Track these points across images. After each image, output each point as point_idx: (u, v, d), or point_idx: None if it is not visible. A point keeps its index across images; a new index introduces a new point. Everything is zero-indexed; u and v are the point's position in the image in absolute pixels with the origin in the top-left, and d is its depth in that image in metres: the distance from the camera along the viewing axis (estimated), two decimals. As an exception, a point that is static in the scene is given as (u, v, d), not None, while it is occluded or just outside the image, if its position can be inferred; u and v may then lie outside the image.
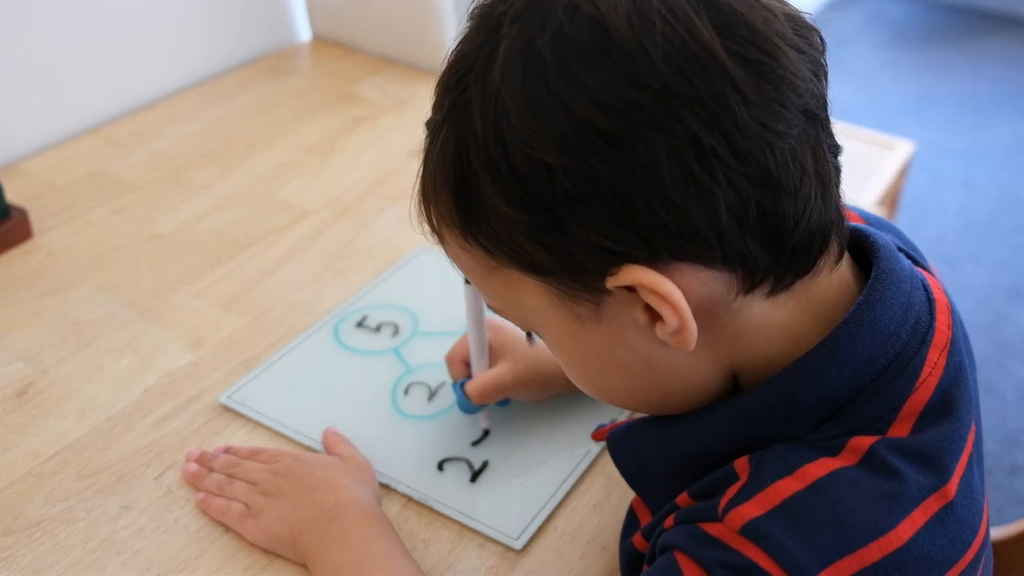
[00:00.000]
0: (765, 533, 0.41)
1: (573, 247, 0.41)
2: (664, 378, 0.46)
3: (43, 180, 0.97)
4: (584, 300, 0.43)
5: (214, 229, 0.91)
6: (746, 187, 0.40)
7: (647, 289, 0.41)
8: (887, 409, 0.44)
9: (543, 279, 0.43)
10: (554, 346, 0.48)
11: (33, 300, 0.81)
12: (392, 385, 0.73)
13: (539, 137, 0.40)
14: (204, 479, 0.65)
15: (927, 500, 0.42)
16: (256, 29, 1.23)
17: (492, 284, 0.46)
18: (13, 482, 0.65)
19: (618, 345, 0.45)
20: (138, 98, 1.11)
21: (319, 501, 0.60)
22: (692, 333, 0.42)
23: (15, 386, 0.73)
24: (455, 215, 0.44)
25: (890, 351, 0.44)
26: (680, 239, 0.40)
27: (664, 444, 0.49)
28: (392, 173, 1.00)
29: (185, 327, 0.79)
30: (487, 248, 0.44)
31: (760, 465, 0.43)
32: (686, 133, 0.39)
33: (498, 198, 0.41)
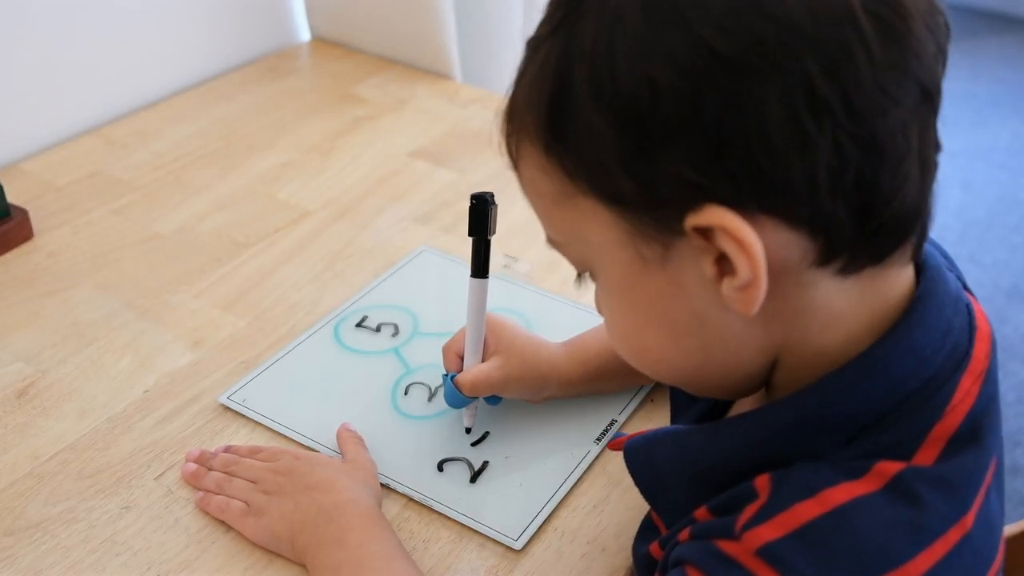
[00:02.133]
0: (782, 557, 0.40)
1: (660, 176, 0.40)
2: (709, 343, 0.45)
3: (43, 180, 0.97)
4: (655, 240, 0.42)
5: (214, 229, 0.91)
6: (851, 148, 0.38)
7: (727, 234, 0.39)
8: (915, 432, 0.43)
9: (619, 211, 0.42)
10: (608, 290, 0.47)
11: (33, 300, 0.81)
12: (392, 385, 0.73)
13: (652, 52, 0.38)
14: (203, 478, 0.65)
15: (948, 532, 0.42)
16: (256, 29, 1.23)
17: (561, 213, 0.45)
18: (13, 482, 0.65)
19: (676, 296, 0.43)
20: (138, 98, 1.11)
21: (319, 501, 0.60)
22: (761, 291, 0.40)
23: (15, 386, 0.73)
24: (543, 130, 0.43)
25: (923, 374, 0.43)
26: (772, 188, 0.39)
27: (684, 456, 0.48)
28: (392, 173, 1.00)
29: (185, 327, 0.79)
30: (569, 170, 0.42)
31: (781, 485, 0.42)
32: (803, 77, 0.37)
33: (594, 112, 0.40)
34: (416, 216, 0.93)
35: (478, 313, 0.65)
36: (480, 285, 0.65)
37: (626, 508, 0.64)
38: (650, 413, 0.71)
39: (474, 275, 0.65)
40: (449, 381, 0.66)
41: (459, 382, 0.65)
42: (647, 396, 0.72)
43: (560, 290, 0.83)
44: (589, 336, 0.70)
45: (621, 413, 0.70)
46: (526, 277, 0.85)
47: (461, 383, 0.65)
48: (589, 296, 0.81)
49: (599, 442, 0.68)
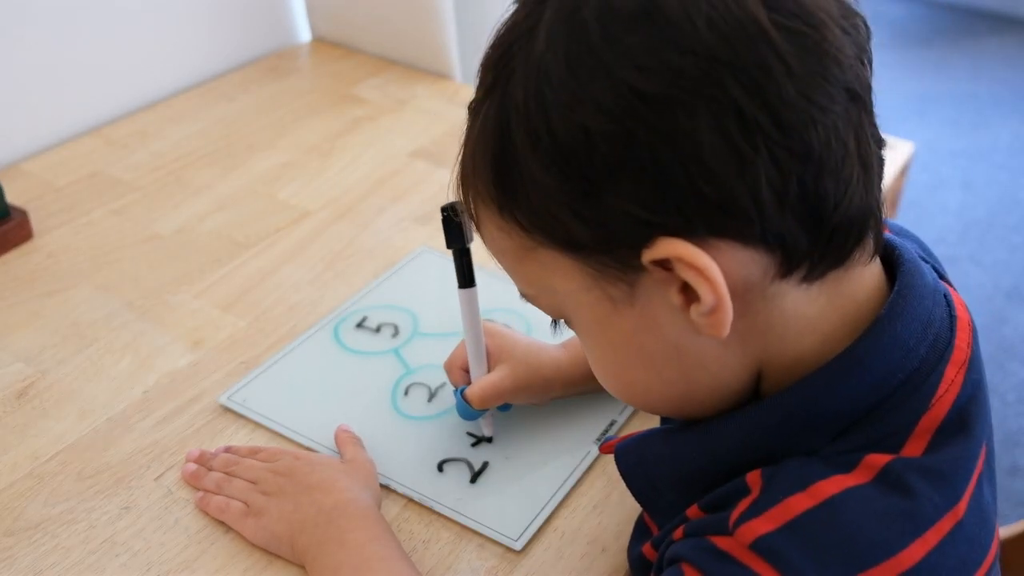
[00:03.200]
0: (775, 549, 0.41)
1: (609, 218, 0.40)
2: (690, 371, 0.45)
3: (43, 181, 0.97)
4: (618, 280, 0.43)
5: (214, 230, 0.91)
6: (788, 161, 0.39)
7: (683, 263, 0.40)
8: (902, 424, 0.43)
9: (578, 257, 0.43)
10: (583, 333, 0.48)
11: (33, 301, 0.81)
12: (392, 386, 0.73)
13: (579, 100, 0.39)
14: (203, 478, 0.65)
15: (941, 520, 0.42)
16: (256, 30, 1.23)
17: (525, 267, 0.46)
18: (13, 483, 0.65)
19: (649, 330, 0.44)
20: (138, 99, 1.11)
21: (318, 502, 0.60)
22: (727, 313, 0.41)
23: (15, 387, 0.73)
24: (493, 189, 0.44)
25: (907, 367, 0.44)
26: (719, 212, 0.39)
27: (675, 457, 0.48)
28: (392, 174, 1.00)
29: (185, 328, 0.79)
30: (524, 224, 0.43)
31: (773, 480, 0.43)
32: (728, 101, 0.38)
33: (536, 166, 0.41)
34: (416, 216, 0.93)
35: (474, 323, 0.65)
36: (470, 295, 0.65)
37: (626, 509, 0.64)
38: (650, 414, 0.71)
39: (461, 286, 0.65)
40: (459, 396, 0.66)
41: (469, 396, 0.65)
42: (647, 396, 0.72)
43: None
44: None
45: (621, 413, 0.70)
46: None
47: (471, 397, 0.65)
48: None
49: (599, 442, 0.68)
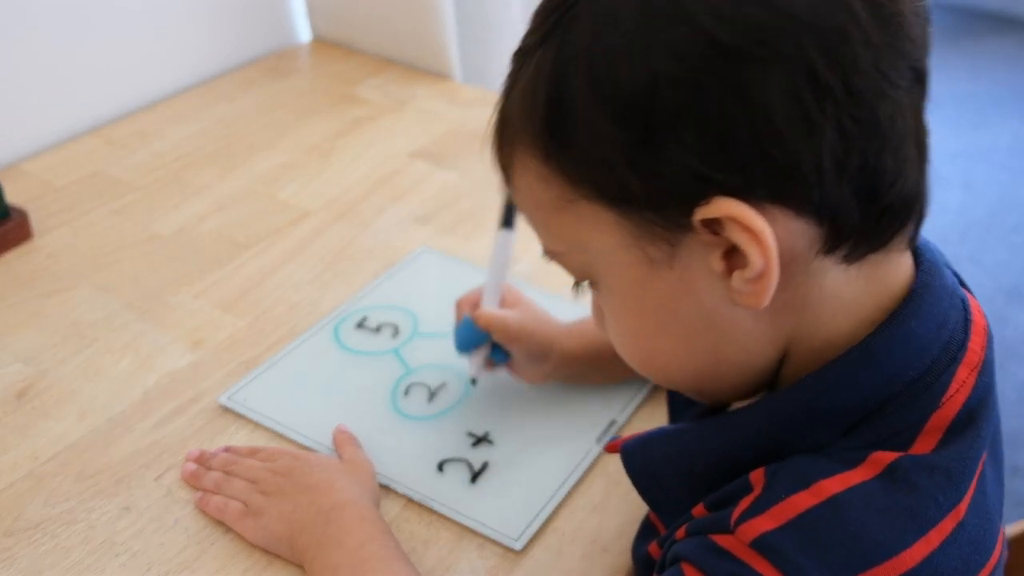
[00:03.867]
0: (776, 548, 0.40)
1: (667, 171, 0.39)
2: (720, 342, 0.44)
3: (43, 181, 0.97)
4: (660, 239, 0.41)
5: (214, 230, 0.91)
6: (854, 131, 0.38)
7: (738, 224, 0.39)
8: (912, 422, 0.43)
9: (623, 212, 0.42)
10: (611, 296, 0.46)
11: (33, 301, 0.81)
12: (392, 386, 0.73)
13: (651, 46, 0.38)
14: (202, 478, 0.65)
15: (944, 520, 0.42)
16: (256, 30, 1.23)
17: (560, 221, 0.44)
18: (13, 483, 0.65)
19: (684, 296, 0.43)
20: (138, 99, 1.11)
21: (317, 502, 0.60)
22: (772, 282, 0.40)
23: (15, 387, 0.73)
24: (542, 137, 0.42)
25: (919, 365, 0.43)
26: (780, 176, 0.39)
27: (682, 455, 0.48)
28: (392, 174, 1.00)
29: (185, 328, 0.79)
30: (570, 174, 0.42)
31: (775, 477, 0.42)
32: (804, 63, 0.37)
33: (596, 113, 0.40)
34: (416, 216, 0.93)
35: (501, 264, 0.67)
36: (507, 236, 0.67)
37: (627, 508, 0.64)
38: (650, 413, 0.71)
39: (503, 226, 0.67)
40: (465, 319, 0.66)
41: (478, 314, 0.66)
42: (647, 396, 0.72)
43: (560, 290, 0.83)
44: (588, 318, 0.71)
45: (621, 413, 0.70)
46: (526, 276, 0.85)
47: (479, 315, 0.65)
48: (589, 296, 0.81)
49: (599, 442, 0.68)
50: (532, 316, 0.68)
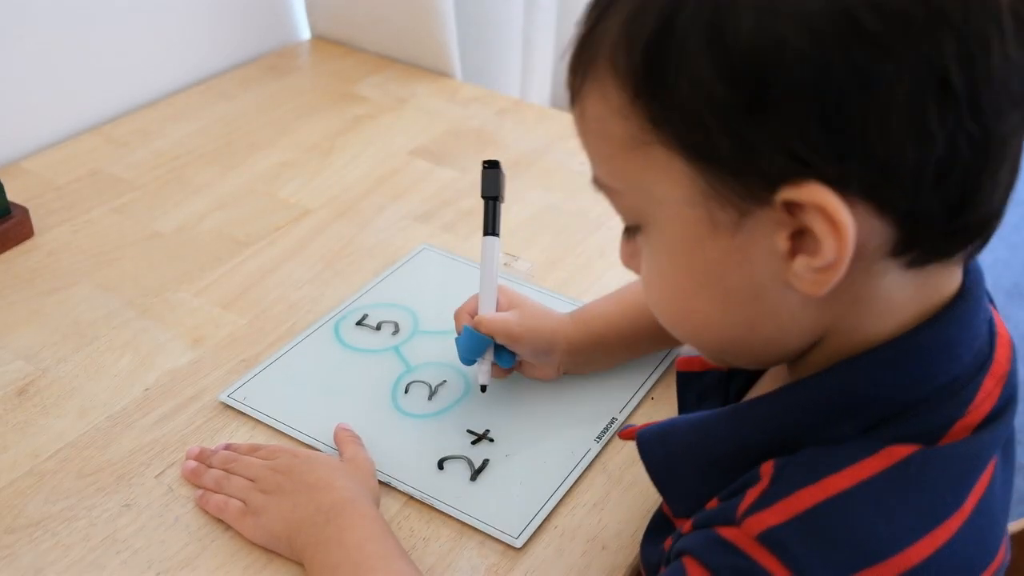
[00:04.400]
0: (782, 542, 0.40)
1: (764, 143, 0.38)
2: (760, 317, 0.43)
3: (44, 179, 0.97)
4: (731, 205, 0.40)
5: (214, 228, 0.91)
6: (964, 148, 0.37)
7: (822, 214, 0.38)
8: (936, 426, 0.43)
9: (701, 168, 0.40)
10: (659, 247, 0.44)
11: (33, 299, 0.81)
12: (392, 383, 0.73)
13: (785, 9, 0.36)
14: (202, 475, 0.65)
15: (950, 519, 0.42)
16: (256, 28, 1.23)
17: (627, 159, 0.42)
18: (13, 481, 0.65)
19: (738, 265, 0.41)
20: (138, 97, 1.11)
21: (316, 500, 0.60)
22: (839, 275, 0.39)
23: (15, 385, 0.73)
24: (635, 71, 0.40)
25: (951, 371, 0.43)
26: (878, 175, 0.37)
27: (701, 443, 0.48)
28: (392, 172, 1.00)
29: (185, 326, 0.79)
30: (656, 117, 0.40)
31: (785, 470, 0.42)
32: (939, 66, 0.36)
33: (707, 64, 0.37)
34: (416, 215, 0.93)
35: (492, 269, 0.67)
36: (493, 243, 0.68)
37: (627, 506, 0.64)
38: (650, 411, 0.71)
39: (487, 234, 0.68)
40: (465, 329, 0.66)
41: (476, 321, 0.65)
42: (648, 394, 0.72)
43: (560, 288, 0.83)
44: (591, 304, 0.73)
45: (622, 411, 0.70)
46: (526, 275, 0.85)
47: (478, 320, 0.65)
48: (590, 294, 0.81)
49: (599, 440, 0.68)
50: (531, 313, 0.68)
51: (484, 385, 0.68)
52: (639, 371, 0.73)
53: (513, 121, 1.09)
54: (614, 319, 0.70)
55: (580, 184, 0.98)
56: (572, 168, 1.01)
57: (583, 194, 0.96)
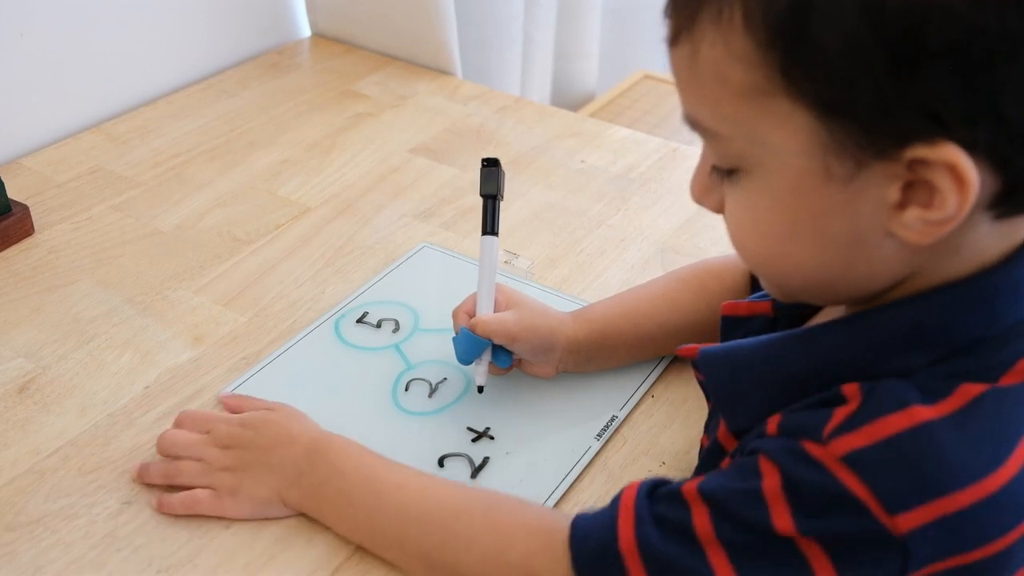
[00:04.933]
0: (867, 464, 0.42)
1: (906, 102, 0.38)
2: (856, 261, 0.44)
3: (44, 177, 0.97)
4: (851, 157, 0.40)
5: (215, 226, 0.91)
6: None
7: (951, 172, 0.39)
8: (1001, 362, 0.44)
9: (827, 121, 0.40)
10: (760, 193, 0.44)
11: (34, 297, 0.81)
12: (393, 381, 0.73)
13: None
14: (147, 471, 0.64)
15: (1018, 448, 0.43)
16: (256, 26, 1.23)
17: (742, 107, 0.42)
18: (14, 478, 0.65)
19: (844, 214, 0.42)
20: (139, 95, 1.11)
21: (288, 455, 0.61)
22: (953, 228, 0.40)
23: (16, 382, 0.73)
24: (775, 22, 0.39)
25: (1018, 313, 0.44)
26: (1005, 136, 0.38)
27: (769, 361, 0.49)
28: (393, 170, 1.00)
29: (186, 324, 0.79)
30: (789, 70, 0.39)
31: (871, 395, 0.43)
32: None
33: (860, 24, 0.37)
34: (416, 213, 0.93)
35: (490, 269, 0.67)
36: (492, 243, 0.68)
37: (626, 504, 0.64)
38: (651, 409, 0.71)
39: (486, 233, 0.68)
40: (463, 330, 0.66)
41: (474, 323, 0.65)
42: (648, 392, 0.72)
43: (560, 286, 0.83)
44: (595, 305, 0.73)
45: (622, 409, 0.70)
46: (526, 273, 0.85)
47: (475, 323, 0.65)
48: (590, 293, 0.81)
49: (600, 438, 0.68)
50: (529, 312, 0.68)
51: (481, 386, 0.68)
52: (640, 369, 0.73)
53: (513, 119, 1.09)
54: (617, 321, 0.70)
55: (580, 182, 0.98)
56: (572, 166, 1.01)
57: (584, 192, 0.96)
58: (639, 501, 0.49)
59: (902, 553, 0.42)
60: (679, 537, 0.47)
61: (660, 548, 0.47)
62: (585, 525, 0.52)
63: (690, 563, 0.46)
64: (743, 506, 0.45)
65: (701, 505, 0.47)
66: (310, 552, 0.60)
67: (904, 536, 0.41)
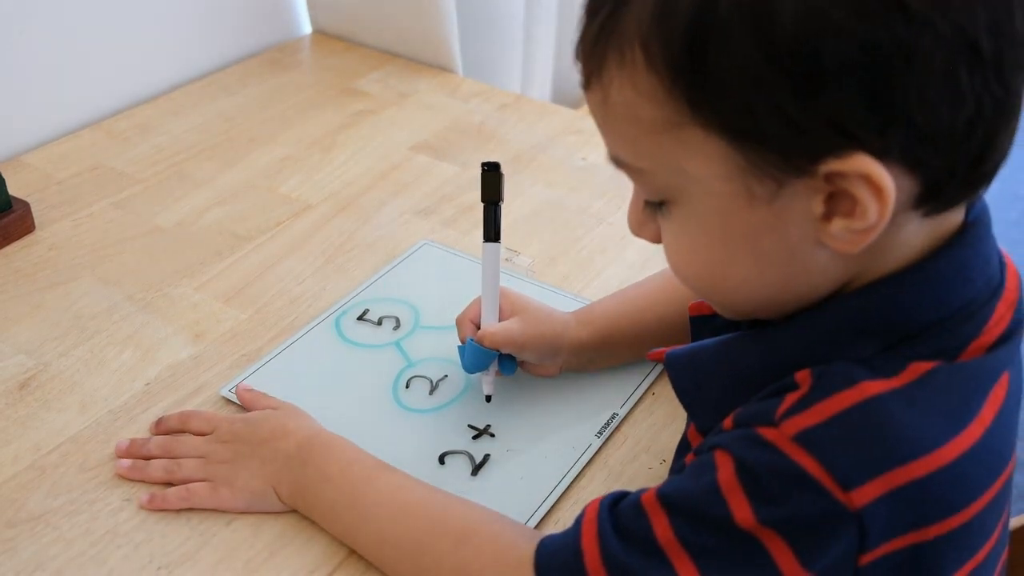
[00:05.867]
0: (818, 441, 0.42)
1: (811, 120, 0.39)
2: (793, 276, 0.45)
3: (45, 173, 0.97)
4: (770, 177, 0.41)
5: (215, 223, 0.91)
6: (988, 105, 0.39)
7: (867, 181, 0.40)
8: (953, 346, 0.45)
9: (740, 147, 0.41)
10: (691, 221, 0.46)
11: (35, 293, 0.81)
12: (393, 379, 0.73)
13: None
14: (146, 469, 0.64)
15: (972, 424, 0.44)
16: (257, 23, 1.23)
17: (656, 141, 0.43)
18: (15, 475, 0.65)
19: (773, 231, 0.43)
20: (139, 92, 1.11)
21: (283, 450, 0.62)
22: (876, 235, 0.41)
23: (17, 379, 0.73)
24: (673, 58, 0.40)
25: (965, 295, 0.45)
26: (916, 140, 0.39)
27: (728, 358, 0.50)
28: (394, 167, 1.00)
29: (186, 320, 0.79)
30: (695, 101, 0.41)
31: (821, 377, 0.44)
32: (972, 34, 0.38)
33: (754, 53, 0.38)
34: (417, 210, 0.93)
35: (493, 276, 0.67)
36: (494, 249, 0.67)
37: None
38: (651, 406, 0.71)
39: (487, 240, 0.67)
40: (469, 342, 0.66)
41: (480, 335, 0.65)
42: (648, 389, 0.72)
43: (561, 284, 0.83)
44: (595, 303, 0.73)
45: (623, 407, 0.71)
46: (527, 271, 0.85)
47: (482, 335, 0.65)
48: (590, 290, 0.81)
49: (600, 435, 0.68)
50: (535, 318, 0.68)
51: (489, 396, 0.68)
52: (640, 367, 0.73)
53: (514, 117, 1.09)
54: (619, 320, 0.70)
55: (581, 180, 0.98)
56: (573, 164, 1.01)
57: (584, 189, 0.96)
58: (601, 516, 0.49)
59: (859, 529, 0.42)
60: (643, 548, 0.47)
61: (624, 560, 0.47)
62: (550, 544, 0.52)
63: (655, 572, 0.46)
64: (701, 504, 0.45)
65: (660, 512, 0.47)
66: (311, 549, 0.60)
67: (859, 511, 0.41)
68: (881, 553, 0.43)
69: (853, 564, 0.43)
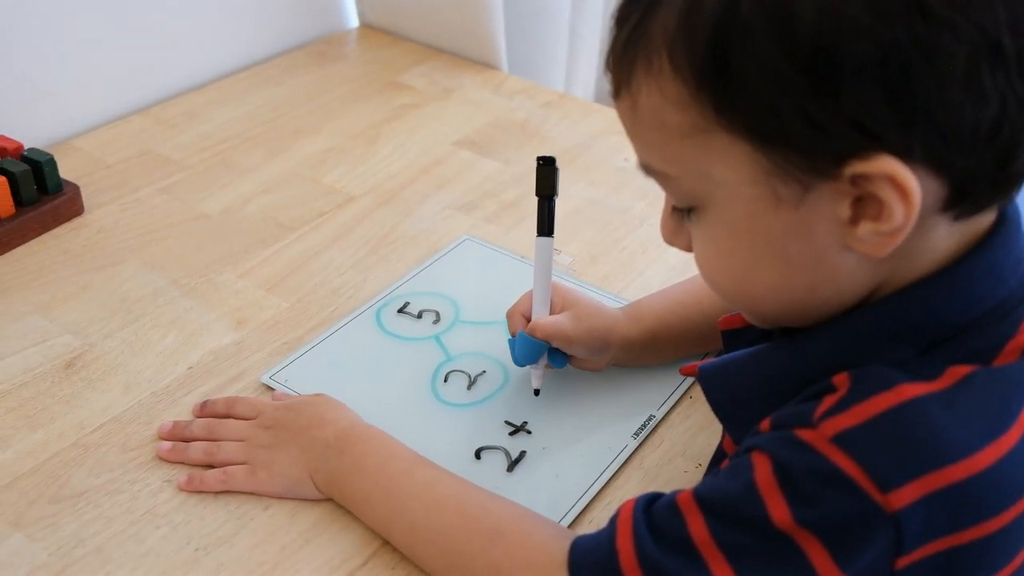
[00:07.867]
0: (855, 442, 0.42)
1: (835, 121, 0.39)
2: (820, 281, 0.45)
3: (95, 157, 0.98)
4: (796, 181, 0.41)
5: (260, 211, 0.92)
6: (1012, 104, 0.39)
7: (892, 183, 0.40)
8: (989, 346, 0.44)
9: (766, 150, 0.41)
10: (718, 226, 0.46)
11: (82, 275, 0.83)
12: (432, 372, 0.73)
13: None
14: (186, 451, 0.65)
15: (1013, 427, 0.43)
16: (304, 15, 1.24)
17: (684, 147, 0.44)
18: (59, 452, 0.66)
19: (800, 235, 0.43)
20: (187, 80, 1.12)
21: (320, 438, 0.62)
22: (904, 236, 0.41)
23: (64, 358, 0.74)
24: (699, 63, 0.41)
25: (998, 295, 0.45)
26: (940, 140, 0.39)
27: (760, 367, 0.49)
28: (437, 162, 1.00)
29: (229, 307, 0.80)
30: (721, 106, 0.41)
31: (859, 379, 0.44)
32: (994, 33, 0.38)
33: (774, 51, 0.39)
34: (459, 205, 0.93)
35: (545, 270, 0.67)
36: (547, 243, 0.67)
37: (662, 504, 0.64)
38: (688, 410, 0.71)
39: (541, 234, 0.67)
40: (520, 335, 0.66)
41: (531, 327, 0.65)
42: (686, 392, 0.72)
43: (601, 283, 0.83)
44: (642, 300, 0.73)
45: (660, 408, 0.70)
46: (568, 270, 0.85)
47: (533, 327, 0.65)
48: (631, 291, 0.81)
49: (636, 437, 0.68)
50: (586, 313, 0.68)
51: (537, 389, 0.68)
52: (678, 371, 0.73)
53: (558, 115, 1.09)
54: (668, 317, 0.71)
55: (623, 179, 0.98)
56: (616, 163, 1.00)
57: (626, 189, 0.96)
58: (636, 516, 0.49)
59: (896, 531, 0.41)
60: (678, 547, 0.47)
61: (659, 560, 0.47)
62: (584, 543, 0.52)
63: (690, 573, 0.46)
64: (738, 504, 0.45)
65: (696, 512, 0.46)
66: (346, 538, 0.61)
67: (897, 513, 0.41)
68: (917, 557, 0.42)
69: (889, 567, 0.43)
